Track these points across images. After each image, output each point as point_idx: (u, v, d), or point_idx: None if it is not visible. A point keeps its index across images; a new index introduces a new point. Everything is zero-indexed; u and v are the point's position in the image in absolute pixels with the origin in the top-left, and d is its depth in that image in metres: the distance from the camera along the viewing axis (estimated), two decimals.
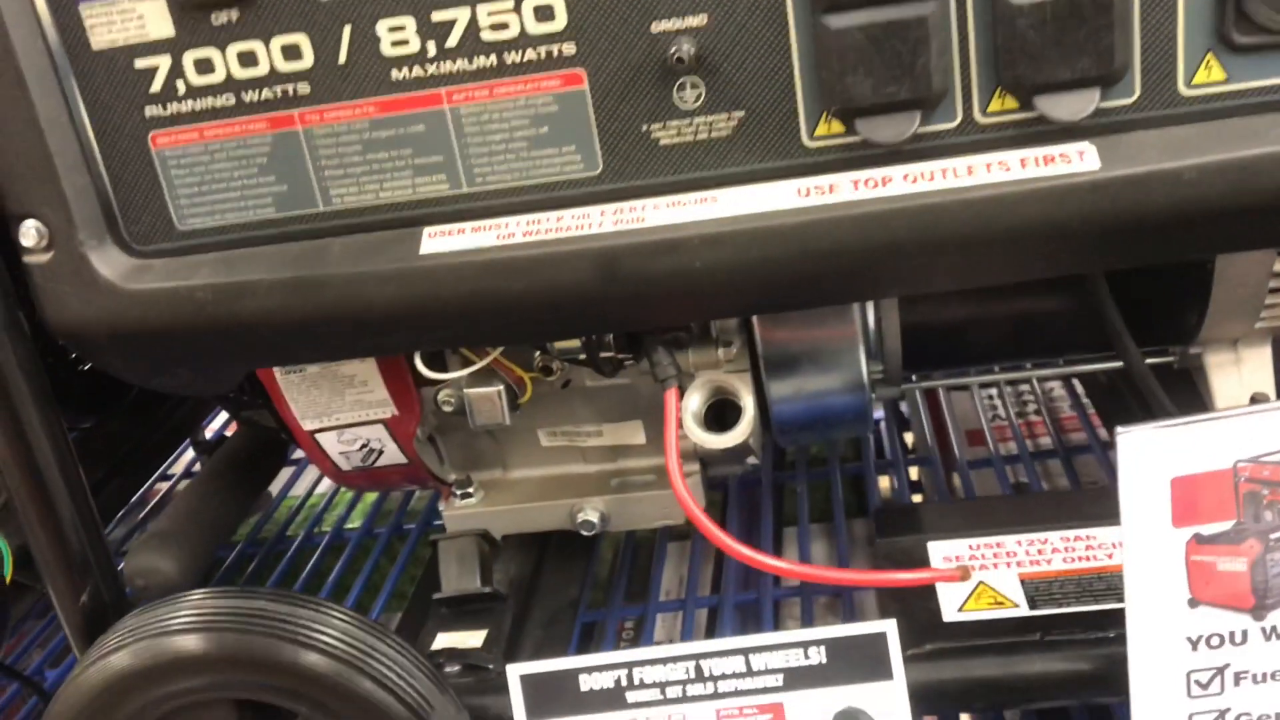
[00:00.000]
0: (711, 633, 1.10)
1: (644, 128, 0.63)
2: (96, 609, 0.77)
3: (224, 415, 1.47)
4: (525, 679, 0.76)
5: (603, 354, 0.77)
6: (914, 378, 0.99)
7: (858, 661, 0.73)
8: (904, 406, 1.34)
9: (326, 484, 1.36)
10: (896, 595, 0.80)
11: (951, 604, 0.78)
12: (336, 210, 0.68)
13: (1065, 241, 0.61)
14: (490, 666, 0.82)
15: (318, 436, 0.88)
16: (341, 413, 0.86)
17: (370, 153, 0.66)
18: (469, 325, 0.69)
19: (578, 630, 0.96)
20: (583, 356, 0.78)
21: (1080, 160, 0.60)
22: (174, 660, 0.70)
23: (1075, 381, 1.26)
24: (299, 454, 1.43)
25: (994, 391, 1.33)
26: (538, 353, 0.84)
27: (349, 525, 1.28)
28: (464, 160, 0.65)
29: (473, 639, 0.85)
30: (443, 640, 0.86)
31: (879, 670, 0.73)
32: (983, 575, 0.80)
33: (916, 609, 0.78)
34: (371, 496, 1.30)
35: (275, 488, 1.35)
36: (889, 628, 0.73)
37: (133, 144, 0.67)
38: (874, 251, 0.62)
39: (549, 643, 0.88)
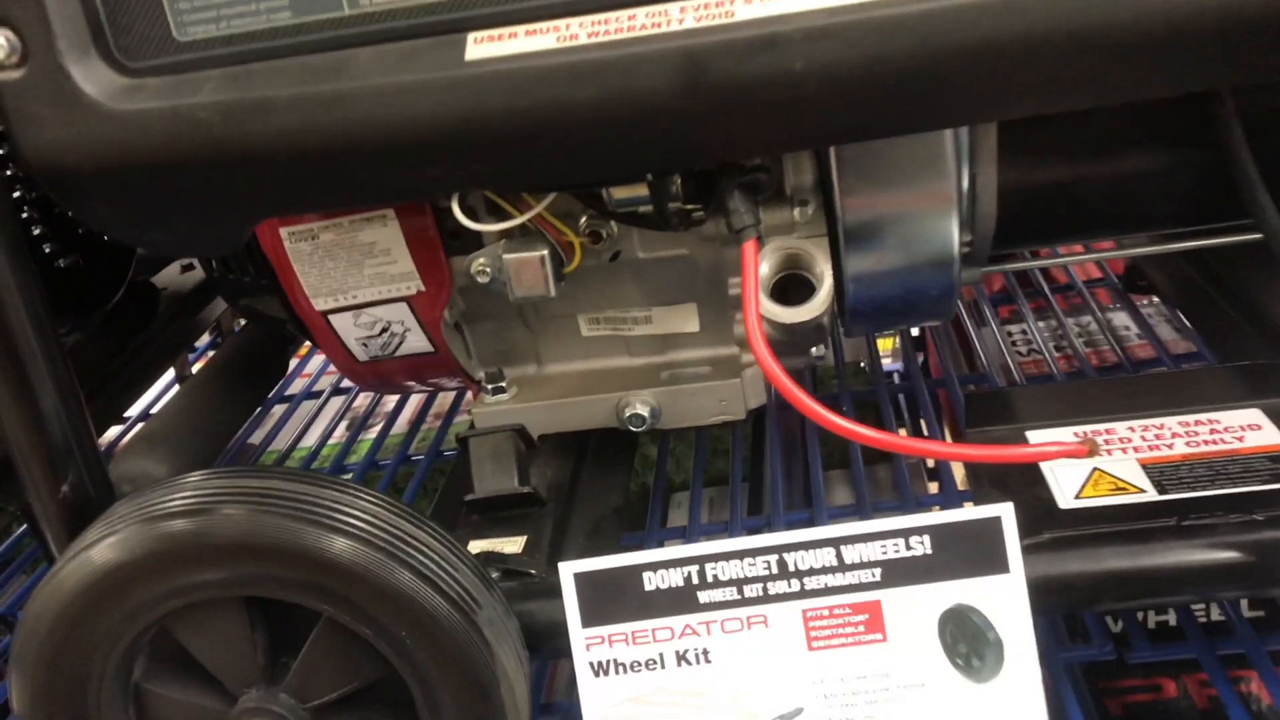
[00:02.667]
0: None
1: None
2: (80, 503, 0.66)
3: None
4: (581, 578, 0.66)
5: (670, 204, 0.67)
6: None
7: (967, 553, 0.63)
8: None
9: (337, 435, 1.25)
10: (998, 486, 0.71)
11: (1066, 491, 0.68)
12: (364, 13, 0.57)
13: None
14: (534, 572, 0.71)
15: (332, 319, 0.78)
16: (359, 289, 0.76)
17: None
18: (522, 152, 0.58)
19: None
20: (644, 210, 0.68)
21: None
22: (171, 549, 0.60)
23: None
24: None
25: (1026, 326, 1.24)
26: (584, 218, 0.73)
27: (350, 459, 1.18)
28: None
29: (510, 545, 0.75)
30: (476, 547, 0.75)
31: (992, 562, 0.63)
32: (1096, 462, 0.70)
33: (1026, 499, 0.68)
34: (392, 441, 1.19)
35: (283, 443, 1.24)
36: (1004, 511, 0.63)
37: None
38: (1018, 48, 0.53)
39: (594, 552, 0.78)
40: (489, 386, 0.81)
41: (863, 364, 1.36)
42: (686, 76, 0.55)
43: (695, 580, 0.65)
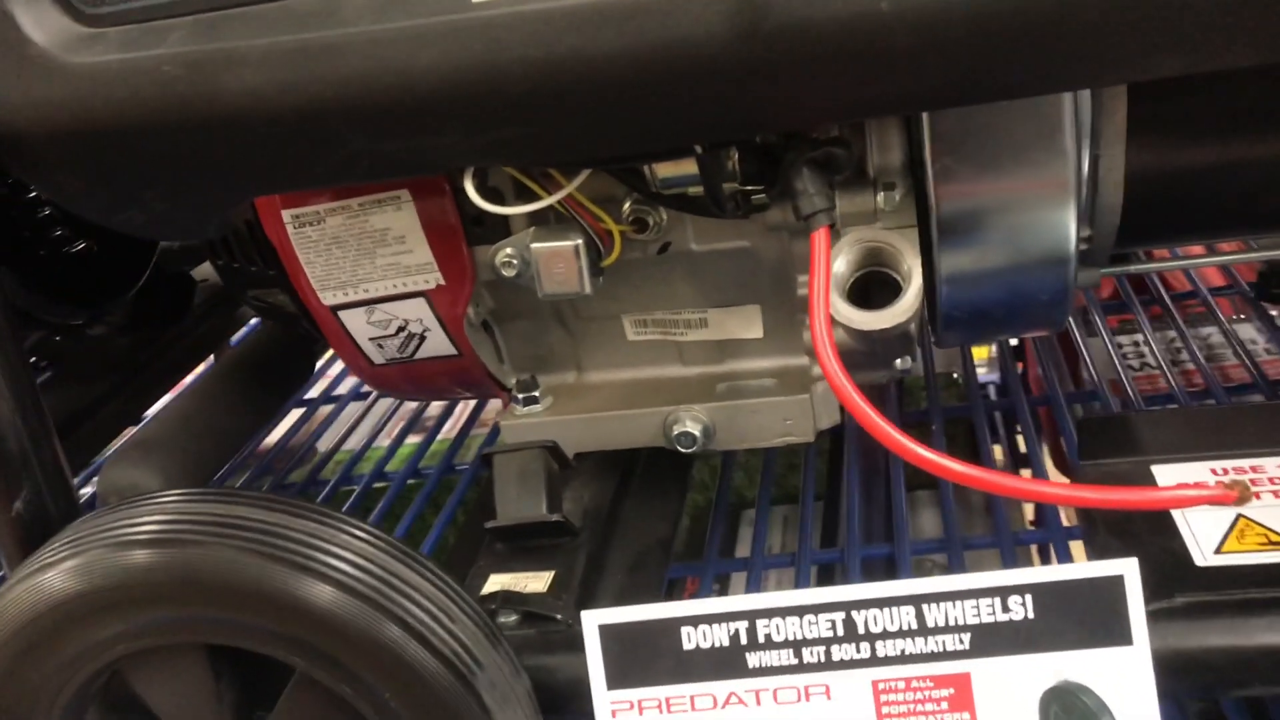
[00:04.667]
0: None
1: None
2: (36, 520, 0.57)
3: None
4: (607, 631, 0.55)
5: (725, 184, 0.56)
6: None
7: (1078, 618, 0.52)
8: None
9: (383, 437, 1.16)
10: (1117, 535, 0.58)
11: (1204, 543, 0.56)
12: None
13: None
14: (558, 616, 0.61)
15: (342, 315, 0.68)
16: (371, 281, 0.66)
17: None
18: (541, 116, 0.48)
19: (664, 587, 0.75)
20: (693, 192, 0.57)
21: None
22: (122, 584, 0.50)
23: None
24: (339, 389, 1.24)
25: (1140, 337, 1.11)
26: (627, 202, 0.63)
27: (390, 468, 1.09)
28: None
29: (535, 582, 0.65)
30: (496, 583, 0.65)
31: (1110, 631, 0.51)
32: (1242, 509, 0.58)
33: (1152, 551, 0.56)
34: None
35: (325, 443, 1.15)
36: (1127, 568, 0.51)
37: None
38: None
39: (634, 592, 0.67)
40: (519, 396, 0.70)
41: (955, 375, 1.24)
42: (742, 19, 0.44)
43: (744, 639, 0.54)
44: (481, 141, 0.50)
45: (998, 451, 1.17)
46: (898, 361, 0.70)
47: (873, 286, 0.64)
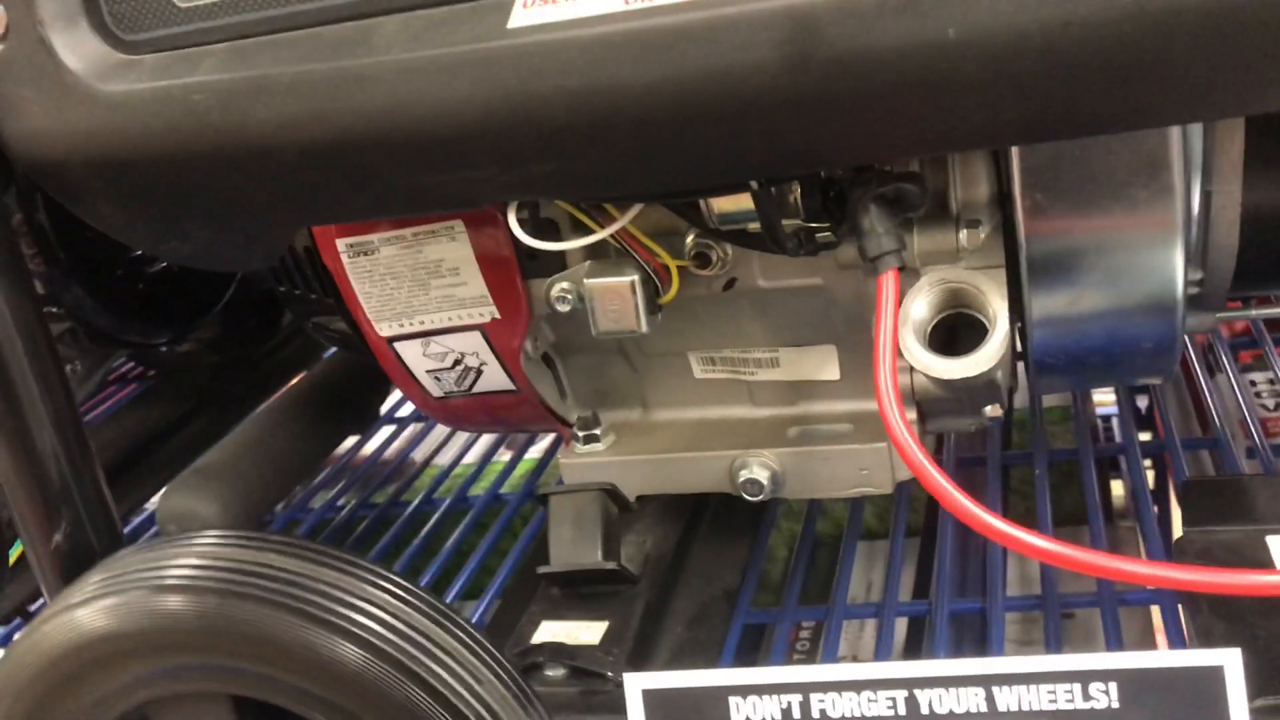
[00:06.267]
0: (916, 653, 0.83)
1: None
2: (77, 553, 0.56)
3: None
4: (651, 697, 0.51)
5: (786, 220, 0.52)
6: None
7: (1171, 711, 0.46)
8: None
9: (477, 449, 1.13)
10: (1223, 617, 0.52)
11: None
12: None
13: None
14: (608, 674, 0.57)
15: (397, 347, 0.66)
16: (426, 313, 0.63)
17: None
18: (580, 148, 0.45)
19: (737, 634, 0.71)
20: (754, 228, 0.53)
21: None
22: (154, 627, 0.49)
23: None
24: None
25: (1275, 374, 1.02)
26: (690, 237, 0.59)
27: (473, 492, 1.06)
28: None
29: (588, 632, 0.61)
30: (547, 631, 0.62)
31: None
32: None
33: (1264, 640, 0.50)
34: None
35: (420, 453, 1.14)
36: (1228, 659, 0.45)
37: None
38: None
39: (694, 647, 0.64)
40: (580, 434, 0.67)
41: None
42: (793, 48, 0.40)
43: (796, 714, 0.50)
44: (519, 175, 0.47)
45: (1119, 492, 1.09)
46: (987, 409, 0.65)
47: (961, 329, 0.59)
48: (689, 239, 0.59)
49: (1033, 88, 0.40)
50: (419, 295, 0.63)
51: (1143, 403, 1.10)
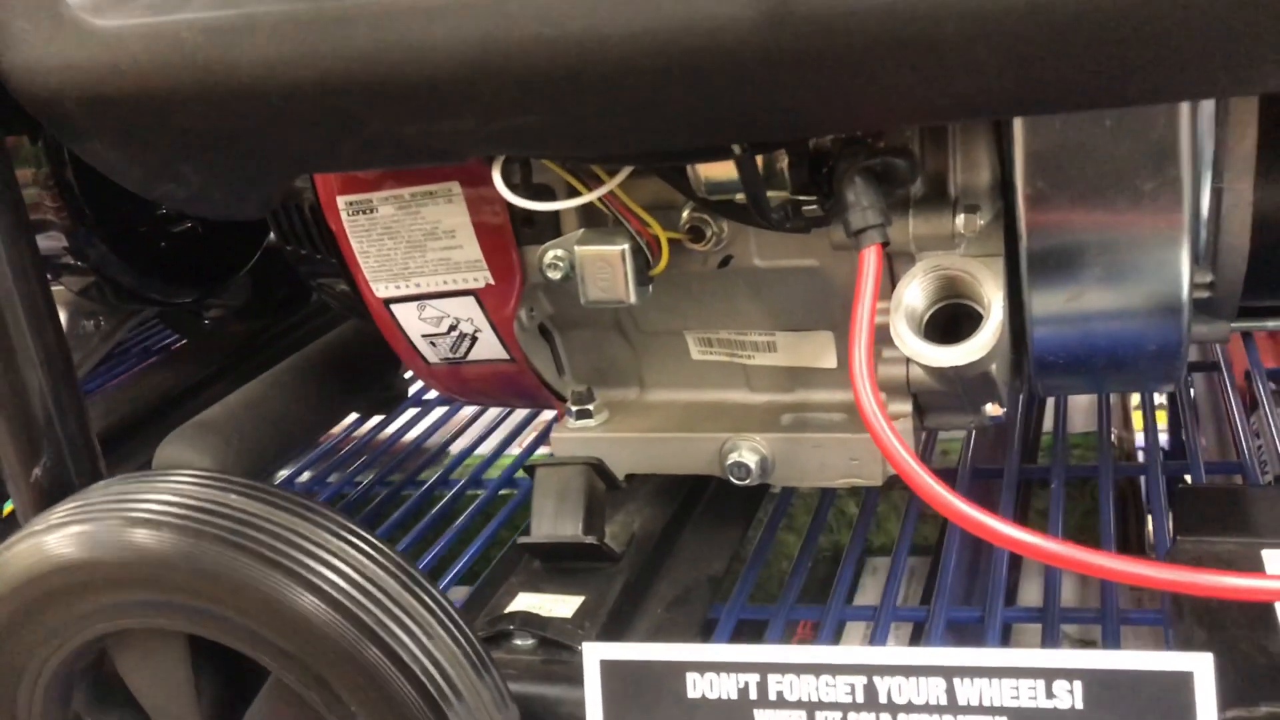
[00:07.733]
0: None
1: None
2: (55, 487, 0.57)
3: None
4: (608, 667, 0.50)
5: (773, 192, 0.51)
6: None
7: (1138, 715, 0.44)
8: None
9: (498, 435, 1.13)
10: (1206, 626, 0.50)
11: None
12: None
13: None
14: (575, 646, 0.57)
15: (394, 309, 0.66)
16: (422, 275, 0.63)
17: None
18: (557, 101, 0.44)
19: (729, 630, 0.69)
20: (740, 199, 0.52)
21: None
22: (118, 560, 0.49)
23: None
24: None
25: None
26: (686, 209, 0.58)
27: (488, 475, 1.06)
28: None
29: (562, 606, 0.61)
30: (522, 602, 0.61)
31: None
32: None
33: (1242, 648, 0.48)
34: None
35: (436, 444, 1.14)
36: (1199, 664, 0.43)
37: None
38: None
39: (671, 628, 0.63)
40: (572, 408, 0.67)
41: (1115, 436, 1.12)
42: (769, 1, 0.39)
43: (753, 694, 0.49)
44: (499, 127, 0.46)
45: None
46: (987, 408, 0.63)
47: (964, 321, 0.57)
48: (685, 212, 0.58)
49: (1019, 52, 0.39)
50: (415, 257, 0.63)
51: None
